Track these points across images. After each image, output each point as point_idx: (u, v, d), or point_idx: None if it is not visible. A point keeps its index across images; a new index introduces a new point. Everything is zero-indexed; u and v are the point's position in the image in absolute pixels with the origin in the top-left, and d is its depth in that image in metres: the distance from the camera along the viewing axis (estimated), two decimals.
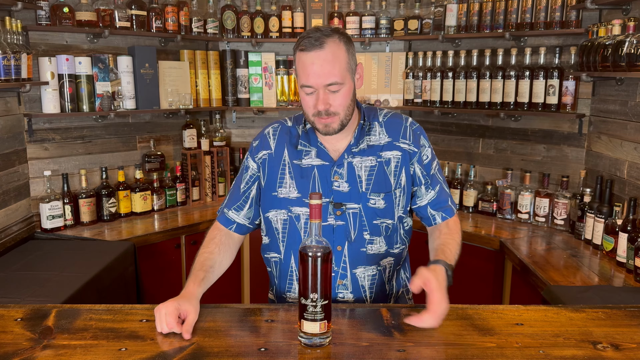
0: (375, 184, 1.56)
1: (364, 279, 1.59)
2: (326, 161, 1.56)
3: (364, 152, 1.57)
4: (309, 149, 1.58)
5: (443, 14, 3.22)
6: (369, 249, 1.58)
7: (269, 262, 1.68)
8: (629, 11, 2.47)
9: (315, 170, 1.56)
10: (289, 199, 1.57)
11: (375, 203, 1.56)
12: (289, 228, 1.59)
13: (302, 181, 1.56)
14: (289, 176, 1.58)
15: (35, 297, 2.03)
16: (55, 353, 1.21)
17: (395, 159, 1.58)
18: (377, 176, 1.57)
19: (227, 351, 1.22)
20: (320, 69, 1.44)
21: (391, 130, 1.60)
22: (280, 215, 1.59)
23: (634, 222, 2.21)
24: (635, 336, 1.30)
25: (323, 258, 1.21)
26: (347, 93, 1.49)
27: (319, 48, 1.44)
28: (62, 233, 2.80)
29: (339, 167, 1.56)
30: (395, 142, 1.59)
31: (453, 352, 1.22)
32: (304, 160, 1.58)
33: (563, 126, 2.95)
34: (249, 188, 1.64)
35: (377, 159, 1.57)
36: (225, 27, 3.45)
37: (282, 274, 1.64)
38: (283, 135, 1.62)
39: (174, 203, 3.32)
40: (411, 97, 3.43)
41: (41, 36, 2.80)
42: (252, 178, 1.63)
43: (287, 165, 1.58)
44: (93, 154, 3.06)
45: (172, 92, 3.26)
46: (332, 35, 1.46)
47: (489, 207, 3.12)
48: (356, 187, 1.55)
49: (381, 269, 1.61)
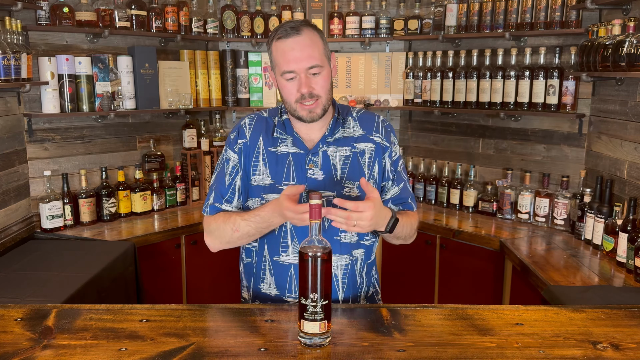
0: (350, 173, 1.60)
1: (337, 267, 1.61)
2: (301, 149, 1.60)
3: (339, 141, 1.61)
4: (284, 137, 1.61)
5: (443, 14, 3.22)
6: (342, 237, 1.60)
7: (249, 252, 1.67)
8: (629, 11, 2.47)
9: (290, 158, 1.60)
10: (262, 186, 1.60)
11: (350, 191, 1.60)
12: None
13: (276, 168, 1.59)
14: (262, 163, 1.60)
15: (35, 297, 2.03)
16: (55, 353, 1.21)
17: (369, 151, 1.63)
18: (352, 165, 1.61)
19: (227, 351, 1.22)
20: (300, 53, 1.49)
21: (365, 124, 1.66)
22: (255, 204, 1.60)
23: (634, 222, 2.21)
24: (635, 336, 1.30)
25: (323, 258, 1.21)
26: (327, 76, 1.54)
27: (297, 34, 1.50)
28: (62, 233, 2.80)
29: (314, 155, 1.59)
30: (369, 135, 1.65)
31: (453, 352, 1.22)
32: (279, 148, 1.61)
33: (563, 126, 2.95)
34: (233, 179, 1.64)
35: (351, 149, 1.62)
36: (225, 27, 3.45)
37: (259, 264, 1.65)
38: (259, 125, 1.64)
39: (174, 203, 3.32)
40: (411, 97, 3.43)
41: (41, 36, 2.80)
42: (234, 169, 1.64)
43: (261, 153, 1.61)
44: (93, 154, 3.06)
45: (172, 92, 3.26)
46: (306, 25, 1.53)
47: (489, 207, 3.12)
48: (331, 176, 1.59)
49: (353, 260, 1.64)
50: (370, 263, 1.71)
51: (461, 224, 2.99)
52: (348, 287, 1.64)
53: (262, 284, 1.64)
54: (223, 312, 1.43)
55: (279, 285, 1.62)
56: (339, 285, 1.63)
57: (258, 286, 1.66)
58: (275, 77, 1.59)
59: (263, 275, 1.64)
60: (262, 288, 1.64)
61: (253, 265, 1.67)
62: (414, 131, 3.65)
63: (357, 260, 1.65)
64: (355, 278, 1.66)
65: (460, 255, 2.91)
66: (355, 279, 1.66)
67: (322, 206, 1.24)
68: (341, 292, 1.63)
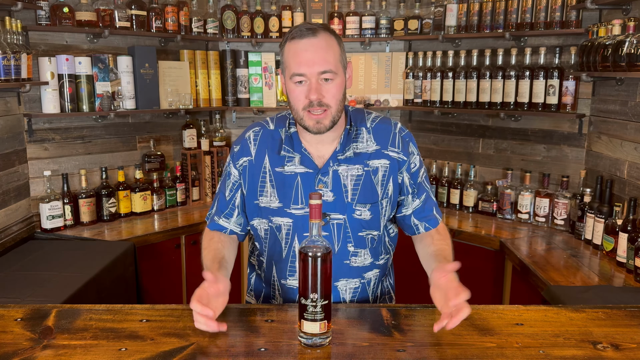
0: (361, 195, 1.49)
1: (346, 291, 1.54)
2: (310, 169, 1.49)
3: (351, 160, 1.49)
4: (292, 155, 1.50)
5: (443, 14, 3.22)
6: (352, 261, 1.52)
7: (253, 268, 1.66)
8: (629, 11, 2.47)
9: (298, 178, 1.49)
10: (269, 209, 1.51)
11: (361, 214, 1.50)
12: (269, 238, 1.55)
13: (284, 190, 1.49)
14: (269, 184, 1.50)
15: (35, 297, 2.03)
16: (55, 353, 1.21)
17: (383, 168, 1.51)
18: (364, 186, 1.49)
19: (227, 351, 1.22)
20: (313, 56, 1.37)
21: (379, 137, 1.52)
22: (262, 225, 1.54)
23: (634, 222, 2.21)
24: (635, 336, 1.30)
25: (323, 258, 1.21)
26: (340, 85, 1.42)
27: (313, 36, 1.38)
28: (62, 233, 2.80)
29: (324, 175, 1.48)
30: (384, 150, 1.51)
31: (453, 352, 1.22)
32: (286, 167, 1.50)
33: (563, 126, 2.95)
34: (233, 195, 1.58)
35: (364, 168, 1.50)
36: (225, 27, 3.45)
37: (266, 284, 1.61)
38: (265, 140, 1.53)
39: (174, 203, 3.32)
40: (411, 97, 3.43)
41: (41, 36, 2.80)
42: (234, 185, 1.57)
43: (267, 173, 1.51)
44: (93, 154, 3.06)
45: (172, 92, 3.26)
46: (323, 28, 1.42)
47: (489, 207, 3.12)
48: (341, 197, 1.48)
49: (365, 282, 1.56)
50: (387, 276, 1.65)
51: (461, 224, 2.99)
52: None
53: (273, 300, 1.61)
54: (223, 312, 1.43)
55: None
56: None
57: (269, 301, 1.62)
58: (284, 81, 1.46)
59: (273, 294, 1.60)
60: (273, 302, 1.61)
61: (262, 285, 1.63)
62: (414, 131, 3.64)
63: (370, 281, 1.57)
64: (368, 299, 1.58)
65: (460, 255, 2.87)
66: (367, 299, 1.59)
67: (322, 206, 1.23)
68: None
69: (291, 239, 1.51)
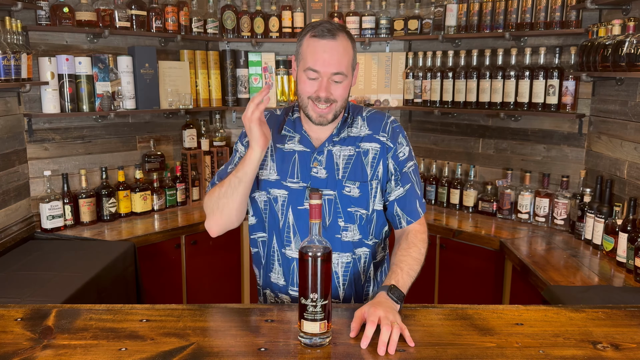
0: (351, 173, 1.60)
1: (337, 264, 1.62)
2: (307, 148, 1.62)
3: (344, 141, 1.62)
4: (293, 134, 1.64)
5: (443, 14, 3.22)
6: (343, 235, 1.61)
7: (255, 242, 1.71)
8: (629, 11, 2.47)
9: (296, 155, 1.62)
10: (268, 181, 1.63)
11: (350, 191, 1.60)
12: (269, 209, 1.64)
13: (282, 165, 1.62)
14: (270, 159, 1.63)
15: (35, 297, 2.03)
16: (55, 353, 1.21)
17: (374, 151, 1.63)
18: (354, 165, 1.61)
19: (227, 351, 1.22)
20: (330, 58, 1.49)
21: (372, 124, 1.66)
22: (262, 197, 1.64)
23: (634, 222, 2.21)
24: (635, 336, 1.30)
25: (323, 258, 1.21)
26: (347, 86, 1.56)
27: (332, 38, 1.50)
28: (62, 233, 2.80)
29: (319, 154, 1.61)
30: (375, 135, 1.64)
31: (453, 352, 1.22)
32: (286, 145, 1.63)
33: (563, 126, 2.95)
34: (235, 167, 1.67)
35: (355, 149, 1.62)
36: (225, 27, 3.45)
37: (267, 253, 1.68)
38: (270, 121, 1.66)
39: (174, 203, 3.32)
40: (411, 97, 3.43)
41: (41, 36, 2.80)
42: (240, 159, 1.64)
43: (269, 148, 1.63)
44: (93, 154, 3.06)
45: (172, 92, 3.26)
46: (342, 30, 1.53)
47: (489, 207, 3.12)
48: (333, 174, 1.60)
49: (356, 258, 1.64)
50: (377, 263, 1.70)
51: (461, 224, 2.99)
52: (349, 285, 1.64)
53: (272, 273, 1.67)
54: (223, 312, 1.43)
55: (285, 276, 1.64)
56: (339, 282, 1.63)
57: (268, 274, 1.68)
58: (296, 68, 1.59)
59: (272, 264, 1.67)
60: (272, 277, 1.67)
61: (260, 255, 1.71)
62: (414, 131, 3.65)
63: (361, 258, 1.65)
64: (359, 276, 1.66)
65: (460, 255, 2.91)
66: (359, 277, 1.66)
67: (322, 206, 1.24)
68: (342, 289, 1.64)
69: (286, 210, 1.61)
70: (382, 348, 1.21)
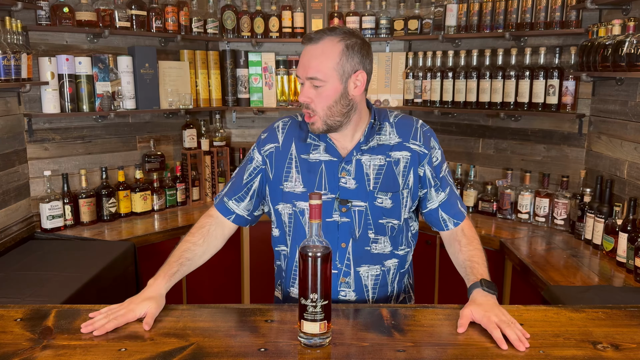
0: (383, 183, 1.55)
1: (367, 278, 1.58)
2: (334, 157, 1.56)
3: (374, 150, 1.56)
4: (317, 143, 1.57)
5: (443, 14, 3.22)
6: (373, 247, 1.57)
7: (279, 255, 1.68)
8: (629, 11, 2.47)
9: (322, 166, 1.56)
10: (294, 193, 1.57)
11: (382, 202, 1.55)
12: (294, 222, 1.59)
13: (308, 176, 1.56)
14: (295, 170, 1.57)
15: (35, 297, 2.03)
16: (55, 353, 1.21)
17: (405, 160, 1.57)
18: (386, 175, 1.56)
19: (227, 351, 1.22)
20: (306, 62, 1.47)
21: (402, 130, 1.59)
22: (286, 209, 1.59)
23: (634, 222, 2.21)
24: (635, 336, 1.30)
25: (323, 258, 1.21)
26: (328, 93, 1.46)
27: (312, 42, 1.47)
28: (62, 233, 2.80)
29: (347, 163, 1.55)
30: (406, 142, 1.58)
31: (453, 352, 1.22)
32: (311, 155, 1.57)
33: (563, 126, 2.95)
34: (251, 180, 1.63)
35: (386, 159, 1.56)
36: (225, 27, 3.45)
37: (289, 268, 1.64)
38: (292, 130, 1.61)
39: (174, 203, 3.32)
40: (411, 97, 3.43)
41: (41, 36, 2.80)
42: (255, 170, 1.63)
43: (293, 160, 1.58)
44: (93, 154, 3.06)
45: (172, 92, 3.26)
46: (335, 34, 1.47)
47: (489, 207, 3.12)
48: (363, 185, 1.54)
49: (385, 270, 1.60)
50: (404, 272, 1.67)
51: None
52: (378, 298, 1.62)
53: (292, 287, 1.63)
54: (223, 312, 1.43)
55: None
56: (369, 295, 1.60)
57: (287, 289, 1.65)
58: None
59: (293, 279, 1.62)
60: (292, 292, 1.63)
61: (282, 269, 1.67)
62: None
63: (390, 270, 1.61)
64: (387, 288, 1.62)
65: None
66: (387, 288, 1.63)
67: (322, 206, 1.24)
68: (371, 302, 1.61)
69: None
70: (521, 346, 1.24)
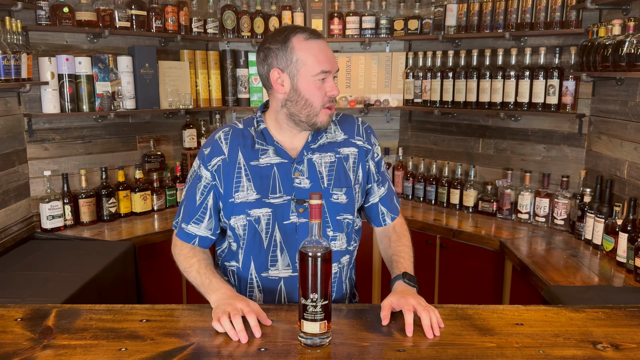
0: (336, 179, 1.57)
1: None
2: (285, 159, 1.55)
3: (323, 148, 1.59)
4: (266, 147, 1.55)
5: (443, 14, 3.22)
6: (332, 245, 1.57)
7: (225, 270, 1.64)
8: (629, 11, 2.47)
9: (275, 169, 1.54)
10: (247, 203, 1.53)
11: (338, 198, 1.57)
12: (248, 232, 1.54)
13: (261, 181, 1.53)
14: (245, 179, 1.53)
15: (35, 297, 2.03)
16: (55, 353, 1.21)
17: (353, 156, 1.61)
18: (338, 171, 1.58)
19: (227, 351, 1.22)
20: (331, 56, 1.51)
21: (345, 128, 1.64)
22: (240, 222, 1.54)
23: (634, 222, 2.21)
24: (635, 336, 1.31)
25: (323, 258, 1.21)
26: None
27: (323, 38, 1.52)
28: (62, 233, 2.80)
29: (299, 163, 1.55)
30: (351, 139, 1.63)
31: (453, 352, 1.22)
32: (261, 160, 1.54)
33: (563, 126, 2.95)
34: (205, 198, 1.57)
35: (336, 155, 1.59)
36: (225, 27, 3.45)
37: (242, 283, 1.59)
38: (235, 138, 1.57)
39: (174, 203, 3.32)
40: (411, 97, 3.43)
41: (41, 36, 2.80)
42: (206, 188, 1.56)
43: (242, 168, 1.53)
44: (93, 154, 3.06)
45: (172, 92, 3.26)
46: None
47: (489, 207, 3.12)
48: (317, 183, 1.55)
49: (341, 267, 1.62)
50: (352, 267, 1.70)
51: (461, 224, 2.99)
52: (337, 295, 1.63)
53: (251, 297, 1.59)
54: None
55: (267, 302, 1.56)
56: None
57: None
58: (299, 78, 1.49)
59: (250, 292, 1.58)
60: None
61: (233, 284, 1.62)
62: (414, 131, 3.65)
63: (344, 267, 1.63)
64: (342, 285, 1.64)
65: (460, 255, 2.91)
66: (342, 285, 1.64)
67: (322, 206, 1.24)
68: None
69: (272, 229, 1.54)
70: (430, 332, 1.28)
